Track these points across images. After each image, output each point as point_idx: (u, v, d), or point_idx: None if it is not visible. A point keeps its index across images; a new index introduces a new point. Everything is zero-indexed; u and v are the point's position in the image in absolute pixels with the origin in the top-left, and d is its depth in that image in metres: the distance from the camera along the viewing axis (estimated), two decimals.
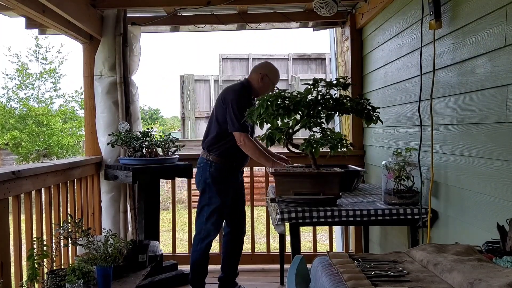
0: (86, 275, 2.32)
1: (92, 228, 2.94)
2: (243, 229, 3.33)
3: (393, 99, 3.04)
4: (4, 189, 2.20)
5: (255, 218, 4.11)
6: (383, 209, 2.45)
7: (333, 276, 1.34)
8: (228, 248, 3.32)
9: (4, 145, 12.62)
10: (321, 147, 2.44)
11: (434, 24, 2.24)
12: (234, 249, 3.31)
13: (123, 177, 3.26)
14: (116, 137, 3.33)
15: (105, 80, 3.60)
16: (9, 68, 24.67)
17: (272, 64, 3.26)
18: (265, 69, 3.15)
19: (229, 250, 3.32)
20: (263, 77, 3.11)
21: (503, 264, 1.30)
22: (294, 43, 47.03)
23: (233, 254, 3.32)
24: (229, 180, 3.12)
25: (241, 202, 3.31)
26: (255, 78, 3.14)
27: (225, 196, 3.10)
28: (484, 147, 1.92)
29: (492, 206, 1.86)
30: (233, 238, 3.30)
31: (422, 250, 1.44)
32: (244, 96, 3.05)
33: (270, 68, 3.19)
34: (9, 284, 2.23)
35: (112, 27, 3.60)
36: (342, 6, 3.54)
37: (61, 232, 2.42)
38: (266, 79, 3.12)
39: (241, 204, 3.31)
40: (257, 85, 3.13)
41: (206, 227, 3.08)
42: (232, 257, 3.31)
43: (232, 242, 3.31)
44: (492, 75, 1.84)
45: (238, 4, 3.52)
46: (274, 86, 3.09)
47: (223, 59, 11.94)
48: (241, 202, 3.31)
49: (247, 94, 3.09)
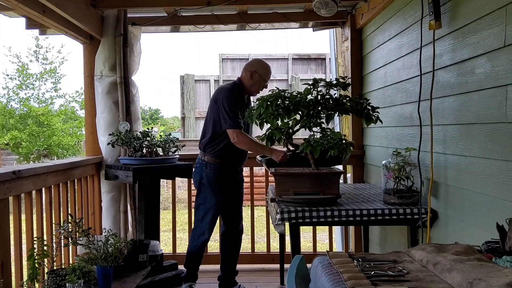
0: (86, 274, 2.32)
1: (92, 228, 2.95)
2: (239, 228, 3.34)
3: (392, 99, 3.04)
4: (4, 189, 2.20)
5: (255, 218, 4.12)
6: (383, 209, 2.45)
7: (333, 275, 1.34)
8: (225, 247, 3.34)
9: (5, 145, 12.62)
10: (321, 147, 2.44)
11: (433, 24, 2.24)
12: (231, 248, 3.32)
13: (123, 177, 3.26)
14: (117, 137, 3.34)
15: (106, 80, 3.60)
16: (10, 68, 24.64)
17: (262, 60, 3.25)
18: (254, 66, 3.15)
19: (226, 249, 3.33)
20: (252, 74, 3.12)
21: (503, 264, 1.30)
22: (294, 43, 47.06)
23: (231, 253, 3.32)
24: (224, 181, 3.14)
25: (238, 202, 3.31)
26: (246, 76, 3.15)
27: (220, 196, 3.13)
28: (483, 147, 1.92)
29: (492, 206, 1.86)
30: (230, 237, 3.32)
31: (422, 250, 1.45)
32: (236, 94, 3.07)
33: (259, 64, 3.18)
34: (9, 284, 2.23)
35: (113, 27, 3.60)
36: (342, 6, 3.54)
37: (61, 232, 2.42)
38: (256, 76, 3.12)
39: (237, 204, 3.31)
40: (248, 83, 3.14)
41: (201, 225, 3.16)
42: (229, 256, 3.32)
43: (229, 241, 3.32)
44: (492, 75, 1.84)
45: (238, 4, 3.52)
46: (266, 82, 3.13)
47: (223, 59, 11.96)
48: (238, 201, 3.31)
49: (239, 92, 3.11)
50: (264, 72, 3.16)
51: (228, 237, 3.32)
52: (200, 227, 3.16)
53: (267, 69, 3.20)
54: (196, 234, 3.19)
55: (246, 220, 3.55)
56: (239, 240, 3.36)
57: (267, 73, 3.18)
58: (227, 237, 3.33)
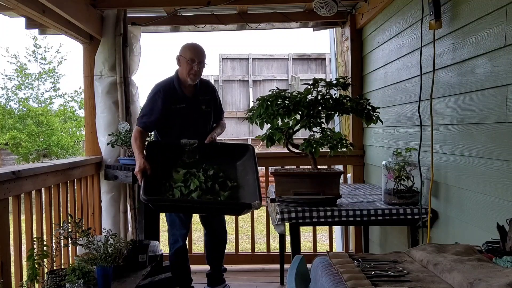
0: (86, 275, 2.32)
1: (92, 228, 2.94)
2: (219, 229, 3.21)
3: (393, 99, 3.04)
4: (4, 189, 2.19)
5: (255, 218, 4.12)
6: (383, 209, 2.45)
7: (333, 276, 1.34)
8: (208, 247, 3.27)
9: (4, 145, 12.62)
10: (321, 147, 2.44)
11: (434, 24, 2.24)
12: (214, 247, 3.22)
13: (123, 177, 3.26)
14: (116, 137, 3.34)
15: (105, 80, 3.60)
16: (8, 69, 24.66)
17: (188, 42, 2.97)
18: (179, 52, 2.96)
19: (209, 248, 3.25)
20: (178, 59, 2.94)
21: (503, 264, 1.30)
22: (294, 43, 46.95)
23: (214, 252, 3.22)
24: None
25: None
26: (177, 64, 2.99)
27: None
28: (484, 147, 1.92)
29: (492, 206, 1.86)
30: (211, 238, 3.23)
31: (422, 250, 1.44)
32: (160, 92, 2.93)
33: (183, 47, 2.96)
34: (9, 284, 2.23)
35: (112, 27, 3.60)
36: (342, 6, 3.54)
37: (61, 232, 2.42)
38: (181, 59, 2.92)
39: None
40: (180, 71, 2.96)
41: (172, 232, 3.05)
42: (213, 254, 3.23)
43: (210, 241, 3.24)
44: (492, 75, 1.84)
45: (238, 4, 3.52)
46: (194, 63, 2.88)
47: (223, 59, 11.95)
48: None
49: (169, 88, 2.94)
50: (186, 53, 2.89)
51: (209, 238, 3.24)
52: (173, 235, 3.04)
53: (190, 48, 2.91)
54: (170, 243, 3.07)
55: (246, 220, 3.55)
56: (222, 240, 3.23)
57: (190, 52, 2.89)
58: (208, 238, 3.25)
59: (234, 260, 3.96)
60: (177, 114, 2.95)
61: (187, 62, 2.88)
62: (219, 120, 3.21)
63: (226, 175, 2.81)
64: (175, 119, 2.96)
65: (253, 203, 2.53)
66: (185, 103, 2.96)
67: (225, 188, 2.73)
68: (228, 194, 2.69)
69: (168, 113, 2.93)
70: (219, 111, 3.21)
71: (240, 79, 11.92)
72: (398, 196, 2.49)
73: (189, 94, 3.00)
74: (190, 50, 2.91)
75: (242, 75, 11.95)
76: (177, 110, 2.94)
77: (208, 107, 3.06)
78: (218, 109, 3.19)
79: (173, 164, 2.82)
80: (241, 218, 4.79)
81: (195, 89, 3.01)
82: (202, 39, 19.30)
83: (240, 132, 11.34)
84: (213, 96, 3.13)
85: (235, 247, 4.01)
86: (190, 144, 2.86)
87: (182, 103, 2.95)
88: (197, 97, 3.02)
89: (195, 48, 2.93)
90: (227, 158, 2.92)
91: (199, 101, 3.01)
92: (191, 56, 2.88)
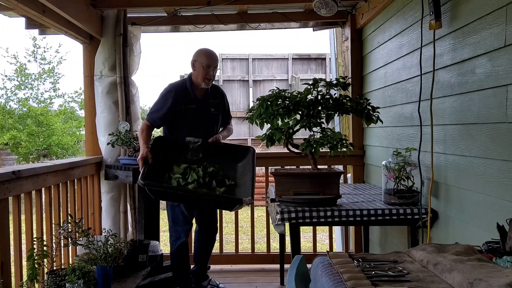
0: (86, 275, 2.32)
1: (92, 228, 2.94)
2: (212, 228, 3.29)
3: (393, 99, 3.04)
4: (4, 189, 2.20)
5: (255, 218, 4.11)
6: (383, 209, 2.45)
7: (333, 276, 1.34)
8: (198, 243, 3.31)
9: (4, 145, 12.62)
10: (321, 147, 2.44)
11: (434, 24, 2.24)
12: (205, 243, 3.30)
13: (123, 177, 3.26)
14: (116, 137, 3.34)
15: (105, 80, 3.60)
16: (8, 69, 24.65)
17: (202, 48, 3.07)
18: (194, 56, 3.04)
19: (198, 245, 3.30)
20: (193, 64, 3.02)
21: (503, 264, 1.30)
22: (294, 43, 46.97)
23: (204, 248, 3.30)
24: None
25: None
26: (192, 69, 3.07)
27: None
28: (484, 147, 1.92)
29: (492, 206, 1.86)
30: (202, 235, 3.29)
31: (422, 250, 1.45)
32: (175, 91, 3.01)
33: (198, 52, 3.05)
34: (9, 284, 2.23)
35: (112, 27, 3.60)
36: (342, 6, 3.54)
37: (61, 232, 2.42)
38: (196, 64, 3.00)
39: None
40: (194, 75, 3.04)
41: (175, 228, 3.08)
42: (201, 251, 3.30)
43: (201, 239, 3.29)
44: (492, 75, 1.84)
45: (238, 4, 3.52)
46: (210, 68, 2.97)
47: (223, 59, 11.96)
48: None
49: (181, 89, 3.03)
50: (203, 58, 2.99)
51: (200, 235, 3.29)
52: (176, 231, 3.08)
53: (206, 54, 3.02)
54: (172, 240, 3.11)
55: (246, 220, 3.55)
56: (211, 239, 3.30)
57: (206, 58, 2.99)
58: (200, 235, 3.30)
59: (234, 260, 3.97)
60: (187, 114, 3.02)
61: (203, 68, 2.97)
62: (226, 124, 3.30)
63: (225, 174, 2.86)
64: (185, 118, 3.04)
65: (244, 199, 2.61)
66: (195, 104, 3.04)
67: (222, 185, 2.78)
68: (224, 191, 2.75)
69: (178, 112, 3.02)
70: (227, 115, 3.28)
71: (240, 79, 11.93)
72: (398, 196, 2.49)
73: (200, 96, 3.08)
74: (206, 56, 3.01)
75: (242, 75, 11.96)
76: (187, 110, 3.02)
77: (216, 110, 3.15)
78: (226, 113, 3.28)
79: (176, 159, 2.88)
80: (241, 218, 4.80)
81: (206, 92, 3.10)
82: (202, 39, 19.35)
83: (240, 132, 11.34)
84: (222, 100, 3.23)
85: (235, 247, 4.01)
86: (195, 142, 2.92)
87: (193, 104, 3.03)
88: (207, 99, 3.10)
89: (211, 54, 3.05)
90: (229, 159, 2.98)
91: (208, 104, 3.10)
92: (208, 63, 2.98)
